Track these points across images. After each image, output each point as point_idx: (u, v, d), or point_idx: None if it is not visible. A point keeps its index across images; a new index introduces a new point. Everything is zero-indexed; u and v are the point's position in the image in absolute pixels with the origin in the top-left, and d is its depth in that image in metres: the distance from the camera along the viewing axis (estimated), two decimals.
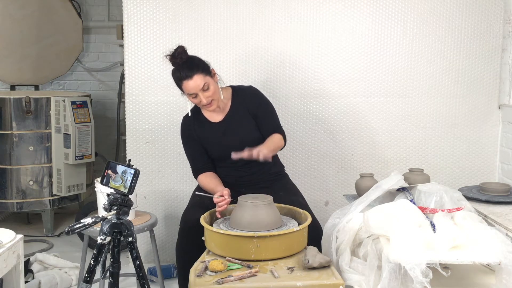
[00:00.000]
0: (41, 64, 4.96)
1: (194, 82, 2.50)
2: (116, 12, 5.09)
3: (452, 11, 3.35)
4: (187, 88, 2.53)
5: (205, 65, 2.58)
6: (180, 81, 2.53)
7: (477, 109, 3.44)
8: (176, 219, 3.34)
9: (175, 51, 2.52)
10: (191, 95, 2.55)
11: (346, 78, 3.39)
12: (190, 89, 2.52)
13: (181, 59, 2.52)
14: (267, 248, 2.17)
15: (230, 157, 2.54)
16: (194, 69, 2.51)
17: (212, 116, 2.71)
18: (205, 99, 2.53)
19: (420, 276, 1.89)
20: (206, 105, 2.57)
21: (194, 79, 2.50)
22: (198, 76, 2.50)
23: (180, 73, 2.52)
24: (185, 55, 2.53)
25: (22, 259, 2.12)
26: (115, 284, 1.89)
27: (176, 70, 2.55)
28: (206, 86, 2.52)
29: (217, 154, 2.69)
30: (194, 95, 2.53)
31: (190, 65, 2.52)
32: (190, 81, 2.50)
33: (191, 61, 2.55)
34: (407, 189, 2.47)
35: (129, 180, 1.89)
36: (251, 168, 2.66)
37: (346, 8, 3.34)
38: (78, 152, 3.91)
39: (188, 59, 2.54)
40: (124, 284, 3.16)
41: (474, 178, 3.47)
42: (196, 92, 2.52)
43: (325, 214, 3.31)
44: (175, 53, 2.52)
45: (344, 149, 3.46)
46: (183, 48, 2.53)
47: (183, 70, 2.51)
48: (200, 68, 2.53)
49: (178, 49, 2.52)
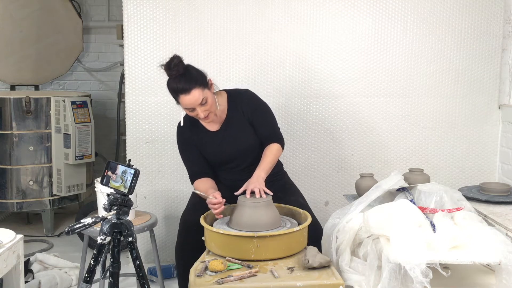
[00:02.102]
0: (41, 64, 4.96)
1: (192, 97, 2.37)
2: (116, 12, 5.09)
3: (452, 11, 3.35)
4: (184, 103, 2.41)
5: (203, 77, 2.44)
6: (176, 94, 2.40)
7: (477, 109, 3.44)
8: (176, 219, 3.34)
9: (171, 62, 2.36)
10: (188, 109, 2.44)
11: (346, 78, 3.39)
12: (188, 104, 2.39)
13: (177, 72, 2.36)
14: (267, 248, 2.17)
15: (228, 163, 2.53)
16: (192, 83, 2.37)
17: (208, 125, 2.62)
18: (203, 113, 2.42)
19: (420, 276, 1.89)
20: (203, 118, 2.48)
21: (192, 93, 2.37)
22: (196, 90, 2.37)
23: (177, 86, 2.37)
24: (182, 66, 2.37)
25: (22, 259, 2.12)
26: (115, 284, 1.89)
27: (172, 82, 2.39)
28: (204, 100, 2.40)
29: (215, 160, 2.66)
30: (191, 109, 2.43)
31: (188, 79, 2.38)
32: (188, 96, 2.37)
33: (189, 73, 2.40)
34: (407, 189, 2.47)
35: (129, 180, 1.88)
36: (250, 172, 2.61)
37: (346, 8, 3.34)
38: (78, 152, 3.91)
39: (185, 71, 2.39)
40: (124, 284, 3.16)
41: (474, 178, 3.47)
42: (193, 106, 2.41)
43: (325, 214, 3.31)
44: (171, 64, 2.35)
45: (344, 149, 3.46)
46: (179, 58, 2.38)
47: (179, 83, 2.36)
48: (198, 82, 2.38)
49: (174, 60, 2.36)
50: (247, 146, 2.60)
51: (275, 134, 2.63)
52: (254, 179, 2.42)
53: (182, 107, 2.47)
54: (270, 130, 2.64)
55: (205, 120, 2.52)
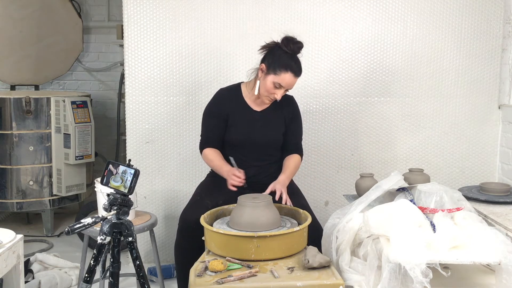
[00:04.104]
0: (41, 64, 4.96)
1: (293, 81, 2.51)
2: (116, 12, 5.09)
3: (452, 11, 3.36)
4: (283, 79, 2.49)
5: None
6: (284, 69, 2.48)
7: (477, 109, 3.44)
8: (176, 219, 3.34)
9: (294, 38, 2.49)
10: (275, 84, 2.51)
11: (346, 78, 3.39)
12: (285, 83, 2.50)
13: (296, 51, 2.49)
14: (267, 248, 2.17)
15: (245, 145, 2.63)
16: (300, 71, 2.53)
17: (256, 103, 2.71)
18: (280, 96, 2.54)
19: (420, 276, 1.89)
20: (273, 99, 2.58)
21: (295, 79, 2.52)
22: (297, 78, 2.53)
23: (290, 63, 2.48)
24: (300, 50, 2.51)
25: (22, 259, 2.12)
26: (115, 284, 1.89)
27: (288, 58, 2.50)
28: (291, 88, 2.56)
29: (238, 137, 2.68)
30: (278, 86, 2.51)
31: (299, 65, 2.53)
32: (292, 78, 2.50)
33: (299, 61, 2.54)
34: (407, 189, 2.47)
35: (129, 180, 1.89)
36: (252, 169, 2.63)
37: (346, 8, 3.34)
38: (78, 152, 3.91)
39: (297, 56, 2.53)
40: (124, 284, 3.16)
41: (474, 178, 3.47)
42: (284, 87, 2.51)
43: (325, 214, 3.32)
44: (294, 40, 2.49)
45: (344, 149, 3.47)
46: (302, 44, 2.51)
47: (295, 63, 2.50)
48: (301, 73, 2.55)
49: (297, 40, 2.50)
50: (273, 139, 2.70)
51: (300, 146, 2.82)
52: (281, 182, 2.56)
53: (272, 80, 2.51)
54: (298, 141, 2.81)
55: (269, 101, 2.62)
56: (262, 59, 2.61)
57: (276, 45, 2.56)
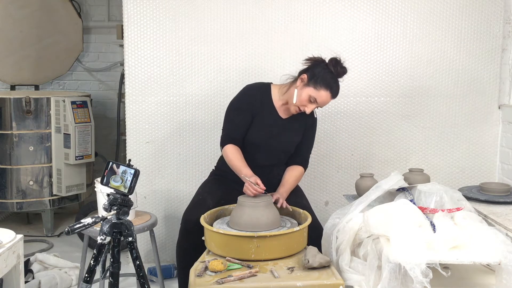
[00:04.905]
0: (41, 64, 4.96)
1: (328, 100, 2.55)
2: (116, 12, 5.08)
3: (452, 11, 3.36)
4: (321, 95, 2.51)
5: None
6: (325, 86, 2.51)
7: (477, 109, 3.44)
8: (176, 219, 3.35)
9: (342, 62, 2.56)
10: (311, 98, 2.53)
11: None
12: (321, 99, 2.52)
13: (340, 75, 2.55)
14: (267, 248, 2.17)
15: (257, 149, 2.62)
16: (337, 95, 2.58)
17: (282, 110, 2.69)
18: (309, 111, 2.56)
19: (420, 276, 1.89)
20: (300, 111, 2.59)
21: (330, 99, 2.55)
22: (331, 100, 2.57)
23: (333, 84, 2.52)
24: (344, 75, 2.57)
25: (22, 259, 2.12)
26: (115, 284, 1.89)
27: (332, 78, 2.53)
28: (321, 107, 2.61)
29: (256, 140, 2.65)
30: (313, 100, 2.53)
31: (339, 89, 2.58)
32: (329, 97, 2.54)
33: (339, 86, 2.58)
34: (407, 189, 2.47)
35: (129, 180, 1.89)
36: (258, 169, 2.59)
37: (346, 8, 3.34)
38: (78, 152, 3.91)
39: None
40: (124, 284, 3.16)
41: (474, 178, 3.47)
42: (318, 103, 2.54)
43: (325, 214, 3.32)
44: (342, 64, 2.55)
45: (344, 149, 3.46)
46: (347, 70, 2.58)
47: (336, 84, 2.54)
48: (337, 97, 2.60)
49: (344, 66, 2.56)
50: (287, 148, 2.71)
51: (307, 159, 2.80)
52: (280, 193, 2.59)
53: (309, 93, 2.53)
54: (307, 152, 2.79)
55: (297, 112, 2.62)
56: (304, 69, 2.58)
57: (323, 62, 2.57)
